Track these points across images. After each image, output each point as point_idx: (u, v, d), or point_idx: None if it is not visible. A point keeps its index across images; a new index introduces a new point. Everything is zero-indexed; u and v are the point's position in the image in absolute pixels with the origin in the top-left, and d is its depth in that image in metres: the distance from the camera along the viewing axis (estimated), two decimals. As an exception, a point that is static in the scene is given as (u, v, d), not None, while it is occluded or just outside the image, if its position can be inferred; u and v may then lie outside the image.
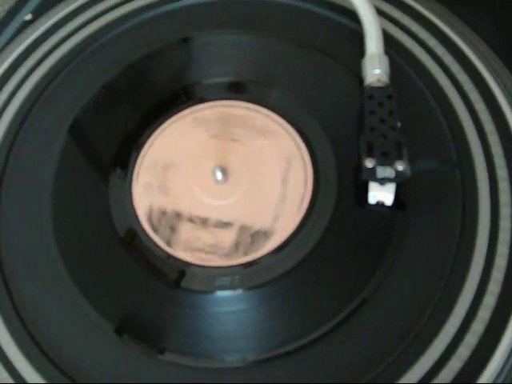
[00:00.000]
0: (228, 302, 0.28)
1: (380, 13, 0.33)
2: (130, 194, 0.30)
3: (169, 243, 0.29)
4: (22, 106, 0.34)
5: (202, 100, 0.33)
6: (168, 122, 0.32)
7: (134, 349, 0.27)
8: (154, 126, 0.33)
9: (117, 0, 0.37)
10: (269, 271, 0.28)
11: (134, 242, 0.29)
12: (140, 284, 0.28)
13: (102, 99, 0.34)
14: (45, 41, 0.37)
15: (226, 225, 0.29)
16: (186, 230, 0.29)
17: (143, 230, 0.29)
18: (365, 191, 0.28)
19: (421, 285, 0.26)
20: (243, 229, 0.29)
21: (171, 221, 0.29)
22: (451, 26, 0.33)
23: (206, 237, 0.29)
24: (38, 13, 0.38)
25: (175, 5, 0.37)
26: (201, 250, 0.28)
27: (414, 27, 0.33)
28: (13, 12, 0.39)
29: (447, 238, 0.27)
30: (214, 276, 0.28)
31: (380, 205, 0.28)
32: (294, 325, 0.26)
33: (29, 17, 0.38)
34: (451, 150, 0.28)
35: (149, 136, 0.32)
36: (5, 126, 0.34)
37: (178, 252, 0.28)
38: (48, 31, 0.37)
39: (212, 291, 0.28)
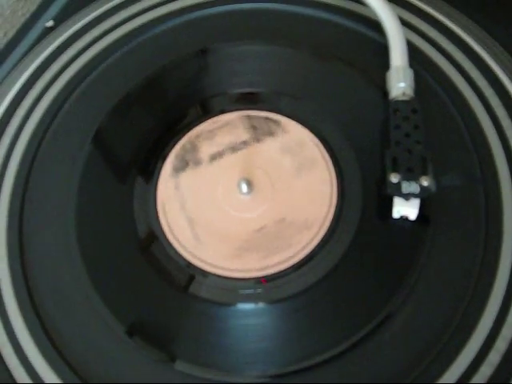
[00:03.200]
0: (248, 314, 0.28)
1: (404, 23, 0.33)
2: (154, 203, 0.31)
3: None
4: (45, 115, 0.34)
5: (223, 111, 0.33)
6: (190, 133, 0.33)
7: (146, 353, 0.27)
8: (179, 137, 0.33)
9: (139, 8, 0.37)
10: (291, 285, 0.28)
11: (155, 248, 0.29)
12: (158, 290, 0.29)
13: (124, 109, 0.34)
14: (66, 49, 0.37)
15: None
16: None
17: (165, 238, 0.30)
18: (389, 205, 0.28)
19: (445, 301, 0.26)
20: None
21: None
22: (476, 37, 0.33)
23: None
24: (60, 19, 0.39)
25: (193, 15, 0.37)
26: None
27: (440, 39, 0.33)
28: (34, 18, 0.39)
29: (471, 253, 0.27)
30: (236, 288, 0.28)
31: (404, 219, 0.29)
32: (314, 340, 0.27)
33: (50, 23, 0.38)
34: (475, 164, 0.28)
35: (172, 146, 0.33)
36: (28, 134, 0.34)
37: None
38: (69, 39, 0.37)
39: (233, 303, 0.28)
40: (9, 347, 0.28)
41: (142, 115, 0.34)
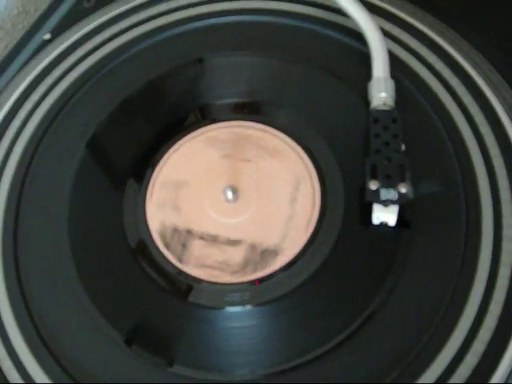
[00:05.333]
0: (237, 317, 0.29)
1: (386, 34, 0.34)
2: (144, 211, 0.32)
3: (180, 259, 0.30)
4: (41, 122, 0.36)
5: (214, 120, 0.34)
6: (181, 141, 0.34)
7: (143, 359, 0.28)
8: (169, 144, 0.34)
9: (134, 21, 0.39)
10: (277, 288, 0.29)
11: (145, 256, 0.31)
12: (151, 297, 0.30)
13: (119, 116, 0.35)
14: (63, 60, 0.38)
15: (235, 242, 0.30)
16: (197, 247, 0.30)
17: (155, 246, 0.31)
18: (370, 212, 0.29)
19: (426, 301, 0.27)
20: (252, 247, 0.30)
21: (183, 237, 0.31)
22: (457, 46, 0.34)
23: (216, 254, 0.30)
24: (57, 33, 0.40)
25: (188, 26, 0.38)
26: (211, 267, 0.30)
27: (421, 49, 0.34)
28: (32, 32, 0.41)
29: (450, 256, 0.28)
30: (224, 292, 0.29)
31: (384, 225, 0.29)
32: (302, 339, 0.28)
33: (48, 36, 0.40)
34: (455, 172, 0.29)
35: (163, 153, 0.34)
36: (25, 141, 0.35)
37: (190, 268, 0.30)
38: (66, 51, 0.38)
39: (222, 307, 0.29)
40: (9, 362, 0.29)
41: (136, 123, 0.35)
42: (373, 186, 0.28)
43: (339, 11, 0.35)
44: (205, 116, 0.35)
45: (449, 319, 0.27)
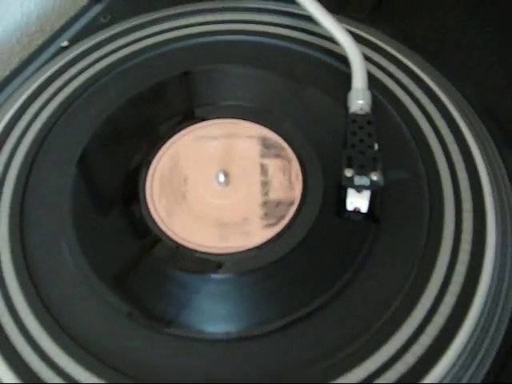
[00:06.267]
0: (217, 283, 0.32)
1: (367, 58, 0.39)
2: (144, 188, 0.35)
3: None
4: (51, 116, 0.39)
5: (204, 119, 0.38)
6: (172, 139, 0.38)
7: (134, 322, 0.30)
8: (162, 143, 0.38)
9: (140, 35, 0.43)
10: (257, 260, 0.32)
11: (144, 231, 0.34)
12: (141, 262, 0.32)
13: (110, 127, 0.38)
14: (76, 63, 0.42)
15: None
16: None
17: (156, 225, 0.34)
18: (345, 201, 0.33)
19: (394, 273, 0.31)
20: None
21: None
22: (430, 74, 0.40)
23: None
24: (74, 42, 0.45)
25: (177, 45, 0.43)
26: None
27: (398, 74, 0.39)
28: (52, 39, 0.45)
29: (416, 236, 0.32)
30: (207, 259, 0.32)
31: (357, 212, 0.33)
32: (275, 307, 0.30)
33: (65, 43, 0.44)
34: (419, 162, 0.34)
35: (158, 150, 0.37)
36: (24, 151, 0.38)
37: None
38: (78, 56, 0.42)
39: (204, 272, 0.32)
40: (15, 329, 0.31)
41: (127, 132, 0.39)
42: (348, 173, 0.32)
43: (327, 38, 0.40)
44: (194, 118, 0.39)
45: (415, 290, 0.30)
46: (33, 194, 0.35)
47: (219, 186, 0.35)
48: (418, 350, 0.28)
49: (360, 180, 0.32)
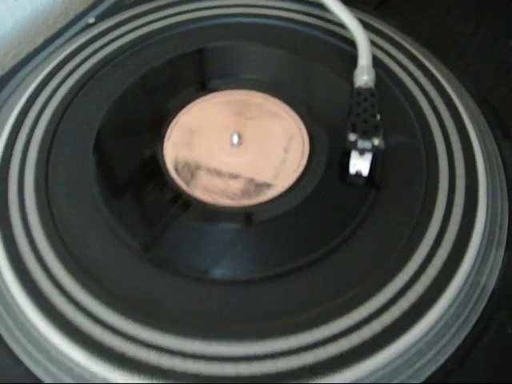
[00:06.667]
0: (231, 233, 0.34)
1: (374, 43, 0.43)
2: (161, 147, 0.38)
3: (188, 184, 0.36)
4: (77, 81, 0.42)
5: (217, 90, 0.42)
6: (195, 102, 0.41)
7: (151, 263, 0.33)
8: (184, 104, 0.41)
9: (162, 15, 0.47)
10: (266, 213, 0.35)
11: (158, 179, 0.36)
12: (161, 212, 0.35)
13: (130, 96, 0.41)
14: (100, 38, 0.45)
15: (235, 176, 0.36)
16: (203, 177, 0.36)
17: (168, 172, 0.37)
18: (347, 166, 0.36)
19: (396, 223, 0.34)
20: (250, 180, 0.36)
21: (192, 169, 0.37)
22: (429, 59, 0.43)
23: (218, 184, 0.36)
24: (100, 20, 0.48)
25: (193, 25, 0.46)
26: (214, 193, 0.36)
27: (399, 56, 0.43)
28: (79, 17, 0.49)
29: (414, 195, 0.35)
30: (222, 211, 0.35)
31: (359, 176, 0.36)
32: (284, 253, 0.33)
33: (92, 20, 0.47)
34: (417, 131, 0.37)
35: (177, 112, 0.40)
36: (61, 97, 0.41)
37: (195, 191, 0.36)
38: (101, 33, 0.46)
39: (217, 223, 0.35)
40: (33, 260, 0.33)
41: (154, 94, 0.42)
42: (352, 137, 0.35)
43: (335, 23, 0.44)
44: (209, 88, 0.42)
45: (414, 238, 0.33)
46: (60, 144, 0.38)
47: (233, 147, 0.38)
48: (419, 288, 0.31)
49: (363, 143, 0.35)
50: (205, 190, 0.36)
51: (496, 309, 0.32)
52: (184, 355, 0.29)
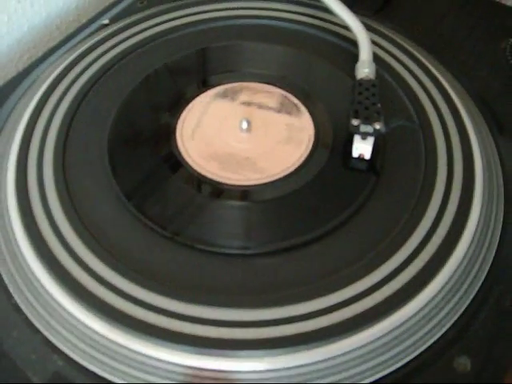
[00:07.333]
0: (241, 209, 0.36)
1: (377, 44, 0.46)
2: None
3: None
4: (94, 75, 0.44)
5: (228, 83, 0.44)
6: (203, 94, 0.43)
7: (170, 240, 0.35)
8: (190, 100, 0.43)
9: (172, 16, 0.49)
10: (276, 190, 0.37)
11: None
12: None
13: (146, 86, 0.44)
14: (114, 36, 0.48)
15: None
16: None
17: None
18: (350, 152, 0.38)
19: (398, 203, 0.36)
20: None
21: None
22: (426, 57, 0.46)
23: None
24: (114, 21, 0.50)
25: (202, 26, 0.48)
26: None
27: (397, 53, 0.46)
28: (94, 19, 0.51)
29: (414, 173, 0.37)
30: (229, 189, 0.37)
31: (361, 159, 0.38)
32: (293, 227, 0.35)
33: (106, 21, 0.50)
34: (413, 114, 0.40)
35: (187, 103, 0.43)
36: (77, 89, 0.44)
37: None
38: (115, 31, 0.48)
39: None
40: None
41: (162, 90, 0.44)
42: (355, 122, 0.37)
43: (337, 23, 0.47)
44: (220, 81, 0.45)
45: (418, 210, 0.35)
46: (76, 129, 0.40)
47: (242, 133, 0.40)
48: (425, 256, 0.33)
49: (365, 128, 0.37)
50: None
51: (494, 283, 0.34)
52: (207, 323, 0.30)
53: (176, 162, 0.39)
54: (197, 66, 0.46)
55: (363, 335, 0.30)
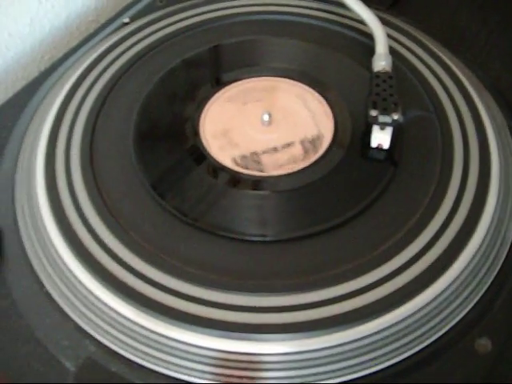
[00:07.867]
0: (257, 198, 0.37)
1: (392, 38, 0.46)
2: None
3: (261, 171, 0.39)
4: (116, 72, 0.46)
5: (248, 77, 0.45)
6: (220, 92, 0.44)
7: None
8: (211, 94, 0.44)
9: (190, 13, 0.50)
10: (298, 180, 0.38)
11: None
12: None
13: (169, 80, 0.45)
14: (137, 33, 0.49)
15: (289, 144, 0.40)
16: (266, 159, 0.40)
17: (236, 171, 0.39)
18: (369, 143, 0.39)
19: (416, 192, 0.37)
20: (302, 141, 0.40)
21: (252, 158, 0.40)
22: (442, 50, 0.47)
23: (282, 156, 0.40)
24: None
25: (222, 22, 0.49)
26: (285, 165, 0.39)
27: (412, 46, 0.46)
28: (115, 17, 0.52)
29: (431, 164, 0.38)
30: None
31: (380, 149, 0.39)
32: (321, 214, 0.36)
33: (127, 20, 0.51)
34: (430, 105, 0.41)
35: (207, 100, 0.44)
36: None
37: (272, 172, 0.39)
38: (136, 29, 0.49)
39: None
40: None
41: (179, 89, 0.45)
42: (373, 113, 0.38)
43: (353, 18, 0.48)
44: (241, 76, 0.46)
45: (437, 196, 0.36)
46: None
47: (263, 125, 0.41)
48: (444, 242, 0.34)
49: (383, 118, 0.38)
50: (277, 166, 0.39)
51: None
52: (235, 308, 0.32)
53: (200, 155, 0.40)
54: (217, 62, 0.47)
55: (387, 318, 0.31)
